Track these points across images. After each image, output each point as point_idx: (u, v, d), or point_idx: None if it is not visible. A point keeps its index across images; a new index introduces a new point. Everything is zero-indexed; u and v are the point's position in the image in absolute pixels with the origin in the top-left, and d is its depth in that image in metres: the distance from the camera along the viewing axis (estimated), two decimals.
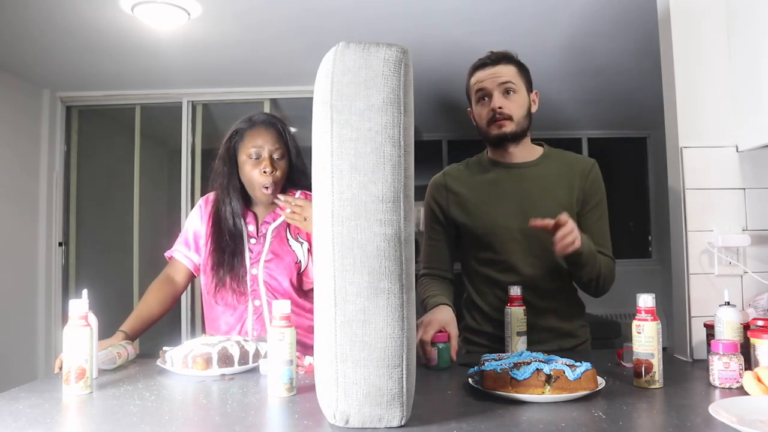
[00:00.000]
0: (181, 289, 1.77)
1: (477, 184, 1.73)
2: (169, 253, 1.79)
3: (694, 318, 1.52)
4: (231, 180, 1.70)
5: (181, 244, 1.77)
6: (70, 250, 4.36)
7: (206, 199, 1.79)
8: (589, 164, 1.70)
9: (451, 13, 2.98)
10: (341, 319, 0.94)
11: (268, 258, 1.68)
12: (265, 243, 1.70)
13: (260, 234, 1.71)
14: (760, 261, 1.53)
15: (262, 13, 2.94)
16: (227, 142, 1.71)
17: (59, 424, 1.01)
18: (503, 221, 1.66)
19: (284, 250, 1.69)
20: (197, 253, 1.75)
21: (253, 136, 1.67)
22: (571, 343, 1.69)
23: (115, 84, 4.07)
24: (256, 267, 1.68)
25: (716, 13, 1.58)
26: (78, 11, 2.83)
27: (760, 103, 1.43)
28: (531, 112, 1.70)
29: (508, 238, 1.65)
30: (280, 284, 1.68)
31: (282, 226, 1.72)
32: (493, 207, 1.68)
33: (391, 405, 0.94)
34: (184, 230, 1.79)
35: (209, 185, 1.77)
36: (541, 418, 1.00)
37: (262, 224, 1.72)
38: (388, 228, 0.94)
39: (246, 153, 1.67)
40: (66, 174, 4.32)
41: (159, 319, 1.71)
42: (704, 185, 1.55)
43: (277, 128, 1.70)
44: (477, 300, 1.72)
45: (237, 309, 1.68)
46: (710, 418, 0.95)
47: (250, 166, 1.66)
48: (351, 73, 0.97)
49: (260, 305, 1.67)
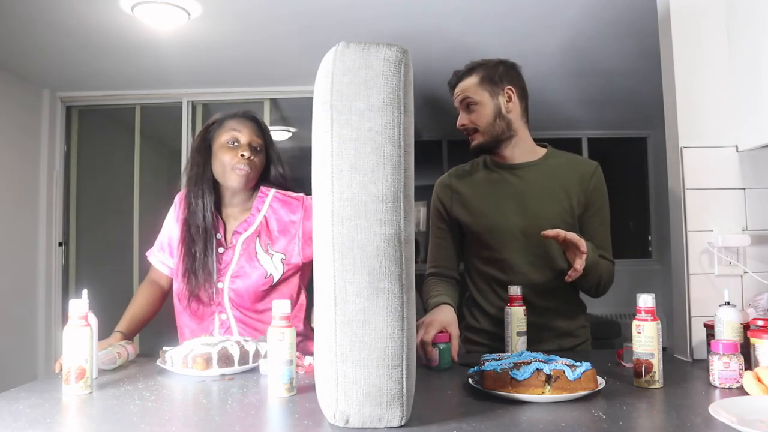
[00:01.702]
0: (167, 290, 1.74)
1: (479, 183, 1.74)
2: (148, 254, 1.76)
3: (694, 318, 1.52)
4: (205, 171, 1.64)
5: (158, 249, 1.75)
6: (70, 250, 4.36)
7: (180, 196, 1.72)
8: (592, 167, 1.70)
9: (452, 13, 2.98)
10: (341, 319, 0.94)
11: (234, 272, 1.61)
12: (234, 254, 1.62)
13: (230, 244, 1.64)
14: (760, 261, 1.53)
15: (262, 13, 2.94)
16: (203, 132, 1.68)
17: (59, 424, 1.01)
18: (504, 221, 1.66)
19: (252, 266, 1.61)
20: (172, 256, 1.71)
21: (232, 123, 1.63)
22: (570, 343, 1.69)
23: (115, 84, 4.08)
24: (222, 281, 1.61)
25: (716, 13, 1.58)
26: (78, 11, 2.83)
27: (760, 103, 1.43)
28: (504, 113, 1.67)
29: (509, 237, 1.65)
30: (245, 301, 1.62)
31: (252, 237, 1.63)
32: (494, 206, 1.68)
33: (391, 405, 0.94)
34: (161, 233, 1.75)
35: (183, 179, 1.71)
36: (541, 418, 1.00)
37: (234, 234, 1.64)
38: (388, 228, 0.94)
39: (223, 139, 1.62)
40: (66, 174, 4.32)
41: (151, 319, 1.70)
42: (704, 185, 1.55)
43: (258, 123, 1.68)
44: (478, 298, 1.73)
45: (204, 321, 1.63)
46: (710, 418, 0.95)
47: (225, 150, 1.61)
48: (351, 73, 0.97)
49: (227, 319, 1.62)
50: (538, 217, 1.63)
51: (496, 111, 1.67)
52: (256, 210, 1.66)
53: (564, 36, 3.28)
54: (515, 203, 1.67)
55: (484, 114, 1.66)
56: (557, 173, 1.69)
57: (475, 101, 1.66)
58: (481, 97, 1.66)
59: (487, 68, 1.69)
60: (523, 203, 1.66)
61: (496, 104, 1.67)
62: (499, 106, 1.67)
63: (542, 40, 3.30)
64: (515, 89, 1.68)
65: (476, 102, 1.66)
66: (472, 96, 1.67)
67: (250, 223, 1.65)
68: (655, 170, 5.74)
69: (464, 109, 1.69)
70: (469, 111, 1.68)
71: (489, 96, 1.66)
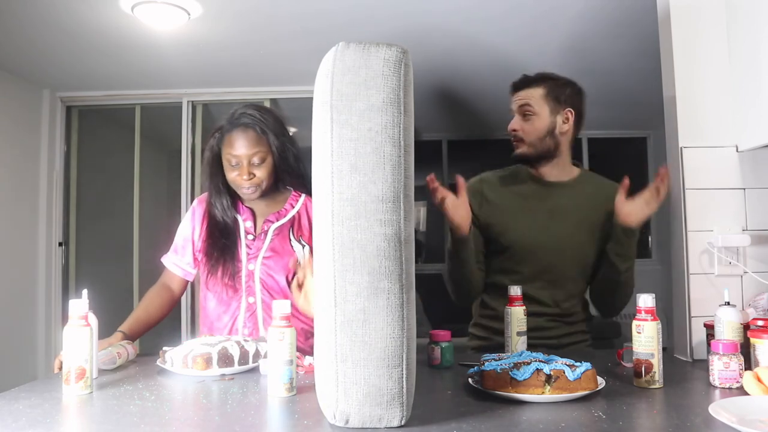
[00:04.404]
0: (178, 296, 1.77)
1: (509, 194, 1.74)
2: (162, 259, 1.79)
3: (694, 318, 1.52)
4: (215, 179, 1.70)
5: (172, 252, 1.77)
6: (70, 250, 4.36)
7: (200, 200, 1.79)
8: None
9: (452, 14, 2.98)
10: (341, 319, 0.94)
11: (267, 255, 1.68)
12: (266, 240, 1.69)
13: (261, 231, 1.71)
14: (760, 261, 1.53)
15: (263, 13, 2.94)
16: (211, 140, 1.70)
17: (59, 424, 1.01)
18: (530, 236, 1.67)
19: (285, 249, 1.69)
20: (186, 258, 1.74)
21: (231, 141, 1.64)
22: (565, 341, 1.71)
23: (115, 84, 4.07)
24: (253, 263, 1.67)
25: (716, 13, 1.58)
26: (78, 11, 2.83)
27: (760, 103, 1.43)
28: (557, 132, 1.68)
29: (529, 253, 1.67)
30: (277, 282, 1.67)
31: (286, 225, 1.72)
32: (522, 219, 1.69)
33: (391, 405, 0.94)
34: (176, 237, 1.78)
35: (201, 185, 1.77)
36: (541, 418, 1.01)
37: (265, 222, 1.72)
38: (388, 228, 0.94)
39: (226, 158, 1.65)
40: (66, 174, 4.32)
41: (157, 323, 1.71)
42: (704, 185, 1.55)
43: (256, 130, 1.64)
44: (489, 302, 1.75)
45: (230, 305, 1.68)
46: (710, 418, 0.95)
47: (230, 170, 1.66)
48: (351, 73, 0.97)
49: (254, 302, 1.66)
50: (563, 238, 1.66)
51: (551, 128, 1.68)
52: (289, 205, 1.75)
53: (564, 36, 3.28)
54: (541, 219, 1.68)
55: (538, 127, 1.67)
56: (587, 194, 1.71)
57: (534, 112, 1.67)
58: (541, 109, 1.67)
59: (556, 85, 1.69)
60: (551, 222, 1.68)
61: (552, 122, 1.68)
62: (554, 125, 1.68)
63: (542, 40, 3.30)
64: (575, 114, 1.70)
65: (534, 113, 1.67)
66: (533, 106, 1.67)
67: (282, 215, 1.73)
68: (655, 170, 5.72)
69: (521, 115, 1.69)
70: (525, 119, 1.68)
71: (549, 111, 1.67)
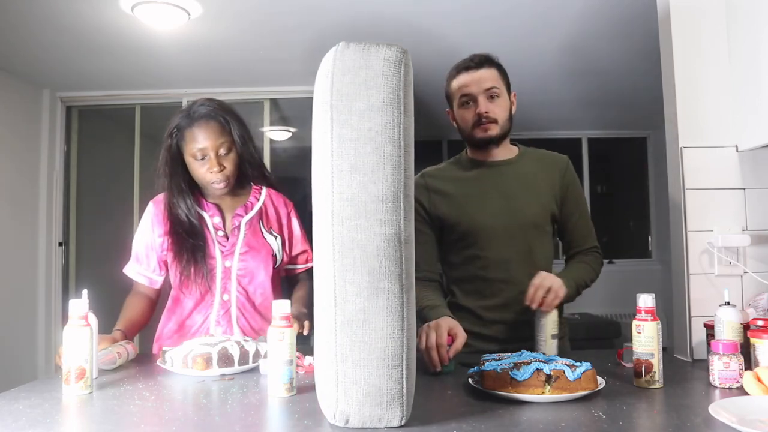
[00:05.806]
0: (155, 300, 1.73)
1: (459, 181, 1.74)
2: (125, 270, 1.72)
3: (694, 318, 1.52)
4: (175, 179, 1.63)
5: (134, 261, 1.71)
6: (70, 250, 4.36)
7: (155, 203, 1.71)
8: (564, 161, 1.73)
9: (452, 14, 2.98)
10: (341, 319, 0.94)
11: (243, 251, 1.65)
12: (239, 236, 1.66)
13: (233, 227, 1.67)
14: (760, 261, 1.53)
15: (262, 13, 2.94)
16: (168, 139, 1.62)
17: (59, 424, 1.01)
18: (487, 218, 1.67)
19: (259, 242, 1.67)
20: (152, 265, 1.69)
21: (194, 134, 1.59)
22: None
23: (115, 84, 4.08)
24: (230, 260, 1.64)
25: (716, 13, 1.58)
26: (78, 11, 2.83)
27: (760, 103, 1.43)
28: (512, 113, 1.71)
29: (492, 234, 1.66)
30: (255, 277, 1.65)
31: (255, 218, 1.69)
32: (476, 203, 1.69)
33: (391, 405, 0.94)
34: (135, 245, 1.72)
35: (155, 187, 1.69)
36: (541, 418, 1.01)
37: (234, 217, 1.68)
38: (388, 228, 0.94)
39: (190, 153, 1.60)
40: (66, 174, 4.32)
41: (145, 325, 1.68)
42: (704, 185, 1.55)
43: (219, 121, 1.61)
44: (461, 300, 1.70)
45: (202, 304, 1.64)
46: (710, 418, 0.95)
47: (197, 166, 1.60)
48: (351, 73, 0.97)
49: (228, 299, 1.64)
50: (520, 213, 1.65)
51: (509, 108, 1.69)
52: (254, 198, 1.73)
53: (564, 36, 3.28)
54: (496, 200, 1.68)
55: (504, 107, 1.67)
56: (534, 169, 1.71)
57: (499, 93, 1.66)
58: (502, 91, 1.67)
59: (500, 66, 1.70)
60: (505, 200, 1.67)
61: (509, 101, 1.69)
62: (510, 104, 1.70)
63: (542, 40, 3.30)
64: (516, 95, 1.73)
65: (500, 95, 1.66)
66: (498, 87, 1.66)
67: (249, 207, 1.71)
68: (655, 170, 5.73)
69: (488, 98, 1.66)
70: (491, 100, 1.66)
71: (506, 92, 1.69)
